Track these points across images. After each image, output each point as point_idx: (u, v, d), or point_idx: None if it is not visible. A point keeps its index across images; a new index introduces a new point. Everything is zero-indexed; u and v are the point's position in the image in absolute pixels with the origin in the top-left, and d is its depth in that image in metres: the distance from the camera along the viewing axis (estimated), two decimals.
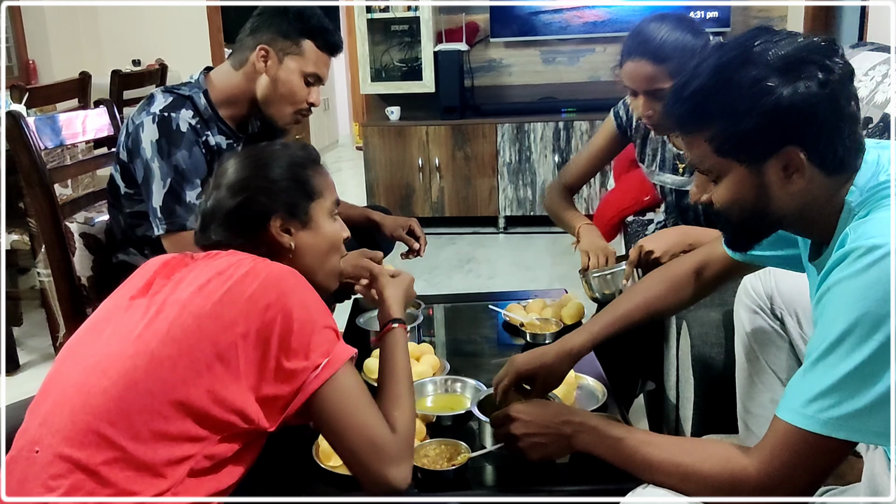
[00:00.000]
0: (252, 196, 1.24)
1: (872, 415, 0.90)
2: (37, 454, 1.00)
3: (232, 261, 1.15)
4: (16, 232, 2.91)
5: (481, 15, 4.68)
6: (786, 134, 0.97)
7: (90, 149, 2.93)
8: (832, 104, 0.96)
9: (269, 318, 1.06)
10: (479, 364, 1.78)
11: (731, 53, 1.00)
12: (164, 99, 1.81)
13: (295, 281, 1.13)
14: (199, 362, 1.03)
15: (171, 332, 1.05)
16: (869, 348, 0.89)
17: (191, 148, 1.77)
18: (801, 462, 0.95)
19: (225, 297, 1.07)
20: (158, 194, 1.74)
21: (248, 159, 1.29)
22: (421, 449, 1.33)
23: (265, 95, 1.84)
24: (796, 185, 1.00)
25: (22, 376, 2.89)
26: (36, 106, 3.36)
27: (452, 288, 3.56)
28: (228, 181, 1.26)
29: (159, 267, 1.19)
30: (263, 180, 1.26)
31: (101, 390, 1.01)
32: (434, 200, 4.57)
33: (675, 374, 1.79)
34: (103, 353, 1.06)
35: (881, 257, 0.90)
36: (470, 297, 2.42)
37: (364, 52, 4.66)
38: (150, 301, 1.11)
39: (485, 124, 4.45)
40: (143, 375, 1.02)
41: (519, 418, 1.25)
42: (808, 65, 0.96)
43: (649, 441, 1.11)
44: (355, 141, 7.29)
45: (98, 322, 1.15)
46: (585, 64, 4.71)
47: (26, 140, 1.77)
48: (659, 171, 2.01)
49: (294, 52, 1.82)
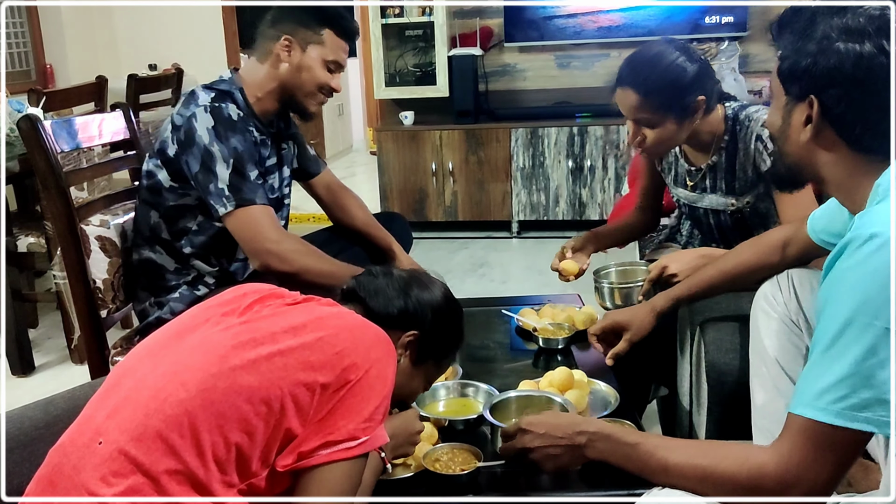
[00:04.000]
0: (423, 310, 1.29)
1: (884, 403, 0.90)
2: (100, 445, 1.00)
3: (332, 311, 1.18)
4: (32, 235, 2.93)
5: (495, 19, 4.68)
6: (814, 84, 1.05)
7: (106, 152, 2.95)
8: (863, 77, 1.01)
9: (350, 378, 1.08)
10: (491, 369, 1.78)
11: (832, 8, 1.07)
12: (208, 94, 1.86)
13: (385, 352, 1.15)
14: (275, 399, 1.03)
15: (257, 363, 1.05)
16: (872, 336, 0.90)
17: (244, 134, 1.85)
18: (820, 455, 0.95)
19: (316, 344, 1.09)
20: (224, 174, 1.79)
21: (442, 294, 1.35)
22: (433, 453, 1.33)
23: (291, 84, 1.91)
24: (806, 135, 1.07)
25: (38, 378, 2.91)
26: (53, 109, 3.38)
27: (465, 292, 3.55)
28: (427, 300, 1.31)
29: (260, 297, 1.19)
30: (448, 313, 1.35)
31: (178, 401, 1.01)
32: (447, 205, 4.57)
33: (689, 380, 1.78)
34: (185, 364, 1.06)
35: (879, 246, 0.91)
36: (483, 301, 2.41)
37: (378, 57, 4.67)
38: (243, 325, 1.12)
39: (499, 129, 4.44)
40: (221, 397, 1.02)
41: (531, 430, 1.25)
42: (866, 38, 1.01)
43: (664, 445, 1.11)
44: (369, 146, 7.30)
45: (184, 329, 1.15)
46: (600, 69, 4.70)
47: (43, 143, 1.78)
48: (673, 184, 2.04)
49: (315, 40, 1.89)
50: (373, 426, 1.09)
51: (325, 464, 1.05)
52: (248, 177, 1.81)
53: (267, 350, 1.07)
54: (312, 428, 1.06)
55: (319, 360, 1.07)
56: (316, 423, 1.06)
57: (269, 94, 1.93)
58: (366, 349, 1.12)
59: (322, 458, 1.05)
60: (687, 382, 1.80)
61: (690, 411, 1.78)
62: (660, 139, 1.79)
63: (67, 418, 1.11)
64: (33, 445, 1.23)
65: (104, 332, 1.89)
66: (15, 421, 1.27)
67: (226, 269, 1.98)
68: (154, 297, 1.95)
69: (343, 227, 2.27)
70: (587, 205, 4.44)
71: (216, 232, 1.91)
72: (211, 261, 1.95)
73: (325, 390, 1.06)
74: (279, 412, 1.03)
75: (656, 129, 1.78)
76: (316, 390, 1.06)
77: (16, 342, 2.88)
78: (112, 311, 1.95)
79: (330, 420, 1.06)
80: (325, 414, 1.06)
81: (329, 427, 1.06)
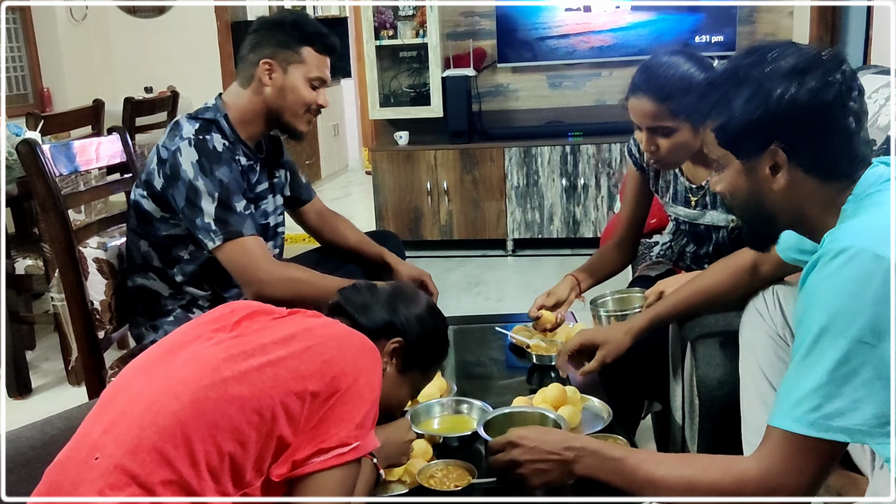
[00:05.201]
0: (409, 320, 1.33)
1: (855, 412, 0.93)
2: (97, 461, 1.02)
3: (319, 322, 1.22)
4: (30, 257, 2.94)
5: (488, 41, 4.73)
6: (771, 134, 1.06)
7: (102, 175, 2.97)
8: (819, 112, 1.04)
9: (340, 386, 1.10)
10: (486, 386, 1.79)
11: (749, 58, 1.09)
12: (192, 125, 1.86)
13: (372, 360, 1.18)
14: (266, 408, 1.06)
15: (248, 374, 1.08)
16: (842, 346, 0.93)
17: (230, 164, 1.84)
18: (796, 465, 0.98)
19: (305, 354, 1.12)
20: (209, 208, 1.79)
21: (427, 306, 1.38)
22: (427, 469, 1.34)
23: (277, 106, 1.90)
24: (780, 183, 1.08)
25: (35, 399, 2.91)
26: (51, 133, 3.41)
27: (461, 310, 3.57)
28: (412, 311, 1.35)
29: (249, 313, 1.22)
30: (432, 324, 1.38)
31: (171, 412, 1.03)
32: (443, 223, 4.60)
33: (681, 396, 1.79)
34: (178, 377, 1.09)
35: (850, 258, 0.94)
36: (478, 319, 2.43)
37: (373, 78, 4.71)
38: (234, 339, 1.15)
39: (492, 148, 4.48)
40: (213, 407, 1.04)
41: (521, 444, 1.26)
42: (805, 74, 1.04)
43: (650, 459, 1.13)
44: (364, 165, 7.34)
45: (175, 345, 1.18)
46: (591, 88, 4.75)
47: (42, 167, 1.81)
48: (672, 203, 2.03)
49: (296, 60, 1.88)
50: (363, 432, 1.11)
51: (319, 471, 1.07)
52: (235, 209, 1.81)
53: (258, 361, 1.09)
54: (305, 437, 1.08)
55: (309, 369, 1.10)
56: (308, 431, 1.08)
57: (255, 118, 1.92)
58: (353, 357, 1.15)
59: (316, 466, 1.07)
60: (679, 398, 1.81)
61: (683, 426, 1.79)
62: (675, 147, 1.77)
63: (65, 438, 1.12)
64: (31, 465, 1.25)
65: (102, 353, 1.91)
66: (12, 441, 1.28)
67: (219, 293, 1.97)
68: (150, 322, 1.96)
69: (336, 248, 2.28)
70: (581, 222, 4.47)
71: (207, 261, 1.91)
72: (204, 287, 1.96)
73: (315, 398, 1.09)
74: (271, 421, 1.05)
75: (671, 137, 1.76)
76: (306, 399, 1.08)
77: (13, 364, 2.89)
78: (109, 332, 1.96)
79: (322, 428, 1.09)
80: (316, 422, 1.09)
81: (321, 435, 1.08)
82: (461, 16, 4.77)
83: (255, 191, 1.97)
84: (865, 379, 0.92)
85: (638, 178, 2.09)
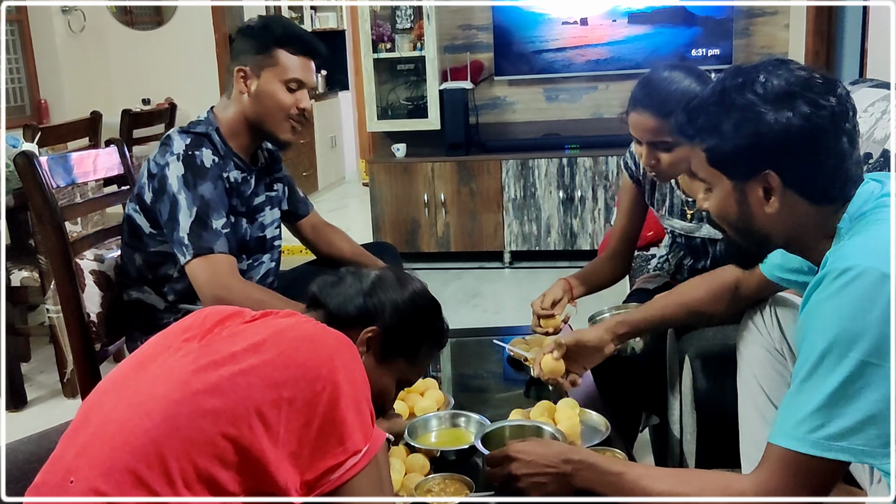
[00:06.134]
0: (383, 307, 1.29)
1: (858, 433, 0.92)
2: (71, 484, 1.00)
3: (291, 322, 1.16)
4: (26, 269, 2.94)
5: (486, 53, 4.75)
6: (765, 159, 1.04)
7: (99, 186, 2.97)
8: (813, 137, 1.02)
9: (318, 390, 1.06)
10: (483, 398, 1.79)
11: (738, 78, 1.07)
12: (183, 139, 1.85)
13: (349, 355, 1.14)
14: (241, 419, 1.02)
15: (220, 384, 1.04)
16: (847, 366, 0.92)
17: (216, 181, 1.82)
18: (796, 483, 0.98)
19: (278, 360, 1.08)
20: (185, 223, 1.77)
21: (410, 291, 1.34)
22: (424, 484, 1.34)
23: (255, 113, 1.87)
24: (773, 207, 1.07)
25: (30, 412, 2.90)
26: (48, 145, 3.41)
27: (458, 322, 3.53)
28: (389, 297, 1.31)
29: (220, 318, 1.19)
30: (412, 310, 1.32)
31: (143, 431, 1.01)
32: (440, 235, 4.60)
33: (679, 409, 1.79)
34: (148, 394, 1.06)
35: (854, 278, 0.93)
36: (476, 331, 2.42)
37: (371, 90, 4.73)
38: (202, 348, 1.11)
39: (489, 160, 4.49)
40: (186, 422, 1.02)
41: (518, 458, 1.26)
42: (796, 98, 1.03)
43: (647, 474, 1.13)
44: (362, 177, 7.34)
45: (146, 358, 1.15)
46: (588, 101, 4.77)
47: (39, 179, 1.81)
48: (668, 216, 2.03)
49: (269, 63, 1.84)
50: (367, 431, 1.09)
51: (343, 484, 1.05)
52: (210, 225, 1.78)
53: (228, 371, 1.05)
54: (308, 457, 1.05)
55: (283, 375, 1.06)
56: (311, 450, 1.05)
57: (241, 129, 1.90)
58: (328, 357, 1.10)
59: (334, 483, 1.05)
60: (677, 411, 1.81)
61: (681, 440, 1.79)
62: (675, 161, 1.76)
63: None
64: (27, 479, 1.23)
65: (97, 366, 1.90)
66: (9, 454, 1.27)
67: None
68: (146, 335, 1.95)
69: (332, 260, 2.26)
70: (578, 235, 4.47)
71: None
72: (197, 304, 1.94)
73: (291, 405, 1.05)
74: (248, 432, 1.02)
75: (672, 152, 1.75)
76: (282, 406, 1.04)
77: (8, 376, 2.87)
78: (105, 344, 1.96)
79: (323, 442, 1.05)
80: (314, 438, 1.05)
81: (327, 450, 1.05)
82: (459, 29, 4.79)
83: (251, 203, 1.97)
84: (870, 399, 0.91)
85: (633, 191, 2.09)
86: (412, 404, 1.66)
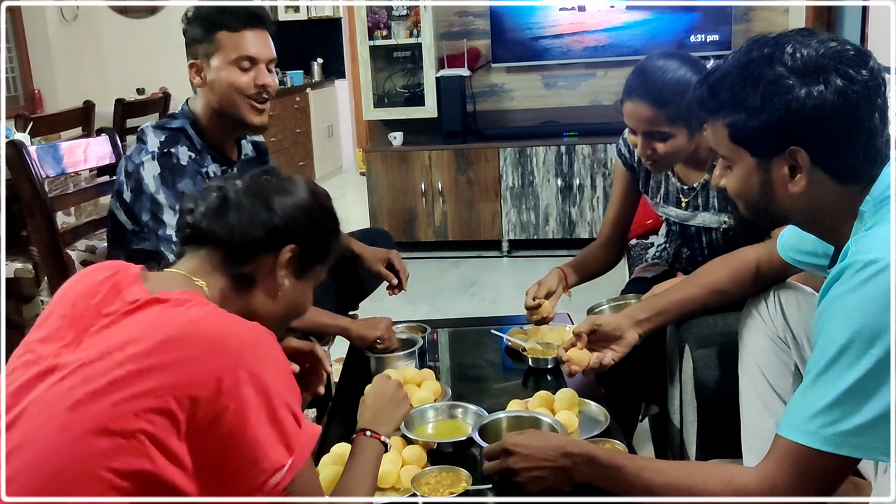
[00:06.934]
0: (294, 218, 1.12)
1: (873, 430, 0.90)
2: None
3: (182, 323, 0.97)
4: (19, 260, 2.91)
5: (483, 40, 4.71)
6: (794, 135, 0.99)
7: (93, 176, 2.94)
8: (845, 113, 0.97)
9: (220, 409, 0.92)
10: (481, 389, 1.77)
11: (763, 49, 1.02)
12: (158, 136, 1.81)
13: (258, 355, 0.97)
14: (134, 450, 0.90)
15: (100, 418, 0.90)
16: (867, 363, 0.89)
17: (194, 177, 1.78)
18: (804, 478, 0.95)
19: (168, 381, 0.92)
20: (171, 220, 1.74)
21: (307, 191, 1.17)
22: (422, 476, 1.32)
23: (216, 102, 1.82)
24: (799, 186, 1.02)
25: None
26: (40, 135, 3.38)
27: (456, 312, 3.55)
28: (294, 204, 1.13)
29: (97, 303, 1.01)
30: (320, 211, 1.17)
31: (31, 493, 0.90)
32: (437, 224, 4.57)
33: (679, 398, 1.77)
34: (31, 448, 0.92)
35: (878, 271, 0.90)
36: (474, 321, 2.41)
37: (367, 78, 4.69)
38: (78, 369, 0.94)
39: (487, 148, 4.46)
40: (76, 475, 0.90)
41: (516, 451, 1.23)
42: (829, 72, 0.97)
43: (649, 467, 1.11)
44: (358, 166, 7.31)
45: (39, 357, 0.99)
46: (586, 88, 4.73)
47: (28, 169, 1.78)
48: (663, 203, 2.01)
49: (213, 50, 1.80)
50: (290, 443, 0.96)
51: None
52: None
53: (111, 400, 0.91)
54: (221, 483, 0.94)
55: (177, 395, 0.91)
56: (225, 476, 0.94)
57: (210, 122, 1.86)
58: (231, 366, 0.94)
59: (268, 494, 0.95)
60: (677, 401, 1.79)
61: (681, 429, 1.77)
62: (671, 151, 1.76)
63: None
64: None
65: None
66: None
67: None
68: None
69: None
70: (577, 223, 4.45)
71: None
72: None
73: (192, 428, 0.92)
74: (149, 464, 0.90)
75: (668, 142, 1.74)
76: (181, 431, 0.92)
77: None
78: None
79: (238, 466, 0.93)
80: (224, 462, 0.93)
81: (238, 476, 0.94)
82: (455, 16, 4.75)
83: None
84: (888, 396, 0.89)
85: (626, 178, 2.08)
86: (409, 395, 1.63)
